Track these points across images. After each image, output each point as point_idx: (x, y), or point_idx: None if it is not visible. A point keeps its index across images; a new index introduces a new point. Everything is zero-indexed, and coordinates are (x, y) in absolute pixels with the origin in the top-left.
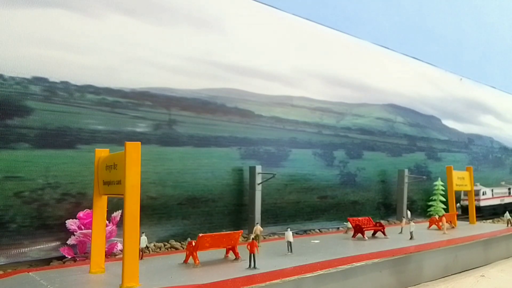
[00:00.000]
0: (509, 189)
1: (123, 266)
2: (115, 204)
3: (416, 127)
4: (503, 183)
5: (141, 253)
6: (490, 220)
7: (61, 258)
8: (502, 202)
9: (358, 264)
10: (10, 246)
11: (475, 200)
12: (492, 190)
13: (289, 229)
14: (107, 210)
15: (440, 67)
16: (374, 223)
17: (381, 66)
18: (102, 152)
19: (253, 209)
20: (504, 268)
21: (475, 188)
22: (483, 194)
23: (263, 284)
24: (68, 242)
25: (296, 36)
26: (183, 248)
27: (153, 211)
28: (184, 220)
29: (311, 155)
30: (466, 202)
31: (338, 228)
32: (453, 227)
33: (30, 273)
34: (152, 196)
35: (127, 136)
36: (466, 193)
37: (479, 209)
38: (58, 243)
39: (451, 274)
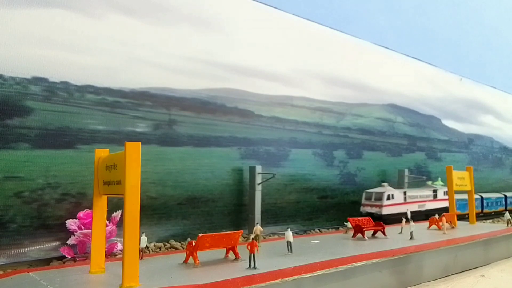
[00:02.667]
0: (435, 191)
1: (123, 266)
2: (115, 204)
3: (416, 127)
4: (429, 183)
5: (141, 253)
6: (490, 220)
7: (61, 258)
8: (422, 209)
9: (358, 264)
10: (10, 246)
11: (376, 206)
12: (404, 193)
13: (289, 229)
14: (107, 210)
15: (440, 67)
16: (374, 223)
17: (381, 66)
18: (102, 152)
19: (253, 209)
20: (504, 268)
21: (377, 190)
22: (388, 199)
23: (263, 284)
24: (68, 242)
25: (296, 36)
26: (183, 248)
27: (153, 211)
28: (184, 220)
29: (311, 155)
30: (366, 209)
31: (338, 228)
32: (453, 227)
33: (30, 273)
34: (152, 196)
35: (127, 136)
36: (368, 195)
37: (380, 219)
38: (58, 243)
39: (451, 274)
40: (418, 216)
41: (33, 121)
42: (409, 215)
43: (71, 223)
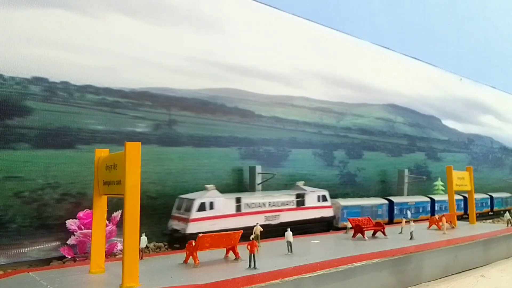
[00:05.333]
0: (300, 195)
1: (123, 266)
2: (115, 204)
3: (416, 127)
4: (300, 184)
5: (141, 253)
6: (490, 220)
7: (61, 258)
8: (273, 222)
9: (358, 264)
10: (10, 246)
11: (183, 220)
12: (238, 200)
13: (289, 229)
14: (107, 210)
15: (440, 67)
16: (374, 223)
17: (381, 66)
18: (102, 152)
19: None
20: (504, 268)
21: (191, 195)
22: (201, 209)
23: (263, 284)
24: (68, 242)
25: (296, 36)
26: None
27: (153, 211)
28: None
29: (311, 155)
30: (173, 224)
31: None
32: (453, 227)
33: (30, 273)
34: (152, 196)
35: (127, 136)
36: (180, 203)
37: (183, 239)
38: (58, 243)
39: (451, 274)
40: (269, 233)
41: (33, 121)
42: (409, 215)
43: (71, 223)
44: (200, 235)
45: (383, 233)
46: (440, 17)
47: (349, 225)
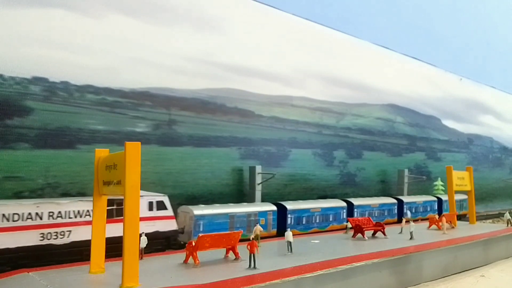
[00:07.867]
0: (113, 202)
1: (123, 266)
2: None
3: (416, 127)
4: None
5: (141, 254)
6: (490, 220)
7: None
8: (58, 241)
9: (358, 264)
10: None
11: None
12: None
13: (289, 229)
14: None
15: (440, 67)
16: (374, 223)
17: (381, 66)
18: (102, 152)
19: None
20: (504, 268)
21: None
22: None
23: (263, 284)
24: None
25: (296, 36)
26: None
27: None
28: None
29: (311, 155)
30: None
31: None
32: (453, 227)
33: (30, 273)
34: None
35: (127, 136)
36: None
37: None
38: None
39: (451, 274)
40: (47, 258)
41: (33, 121)
42: (409, 215)
43: None
44: (200, 235)
45: (383, 233)
46: (440, 17)
47: (349, 225)
